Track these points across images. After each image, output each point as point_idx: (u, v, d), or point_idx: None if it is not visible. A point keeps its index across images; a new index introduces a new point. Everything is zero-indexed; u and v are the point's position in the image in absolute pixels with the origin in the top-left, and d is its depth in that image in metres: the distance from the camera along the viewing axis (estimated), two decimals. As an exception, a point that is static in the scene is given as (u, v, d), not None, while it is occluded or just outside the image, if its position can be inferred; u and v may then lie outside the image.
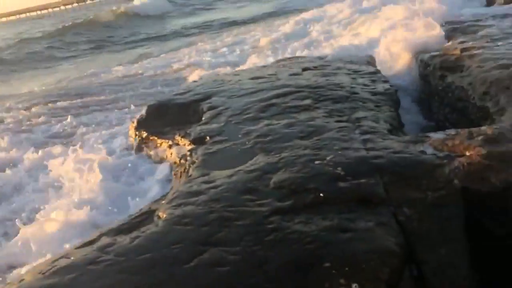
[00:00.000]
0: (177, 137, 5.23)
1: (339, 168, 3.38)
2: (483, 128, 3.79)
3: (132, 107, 10.44)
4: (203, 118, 5.55)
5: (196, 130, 5.12)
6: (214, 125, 5.07)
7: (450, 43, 7.64)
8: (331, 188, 3.13)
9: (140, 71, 15.44)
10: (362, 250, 2.42)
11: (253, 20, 23.16)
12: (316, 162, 3.57)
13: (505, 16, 9.01)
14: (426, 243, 2.66)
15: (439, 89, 6.42)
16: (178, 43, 20.69)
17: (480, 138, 3.46)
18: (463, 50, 6.83)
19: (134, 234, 2.99)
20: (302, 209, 2.96)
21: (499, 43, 6.84)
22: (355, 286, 2.15)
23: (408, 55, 7.81)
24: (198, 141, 4.79)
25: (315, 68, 7.28)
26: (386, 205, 2.94)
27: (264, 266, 2.41)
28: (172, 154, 5.10)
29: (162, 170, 5.14)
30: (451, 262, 2.52)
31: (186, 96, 6.58)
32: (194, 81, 7.87)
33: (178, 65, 15.29)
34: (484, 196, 2.93)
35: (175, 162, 4.76)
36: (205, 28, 24.07)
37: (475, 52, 6.50)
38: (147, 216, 3.31)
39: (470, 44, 7.24)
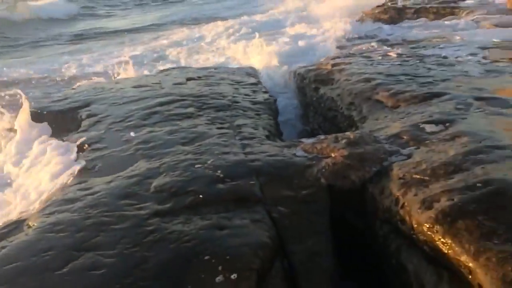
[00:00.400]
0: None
1: (219, 171, 3.50)
2: (346, 133, 4.21)
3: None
4: (81, 126, 5.33)
5: (73, 138, 4.89)
6: (93, 133, 4.90)
7: (323, 58, 8.39)
8: (210, 190, 3.24)
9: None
10: (237, 244, 2.55)
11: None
12: (197, 166, 3.65)
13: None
14: (296, 236, 2.89)
15: (314, 100, 6.94)
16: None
17: (343, 141, 3.85)
18: (333, 65, 7.53)
19: (1, 244, 2.78)
20: (182, 210, 3.02)
21: (365, 59, 7.72)
22: (231, 276, 2.26)
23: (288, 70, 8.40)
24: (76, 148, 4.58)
25: (199, 78, 7.41)
26: (261, 204, 3.13)
27: (141, 265, 2.42)
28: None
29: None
30: (317, 252, 2.77)
31: (63, 104, 6.25)
32: (72, 89, 7.49)
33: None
34: (346, 192, 3.27)
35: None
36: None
37: (344, 67, 7.20)
38: (16, 226, 3.10)
39: (339, 60, 8.02)
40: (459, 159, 3.07)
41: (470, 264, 2.07)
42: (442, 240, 2.29)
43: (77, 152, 4.45)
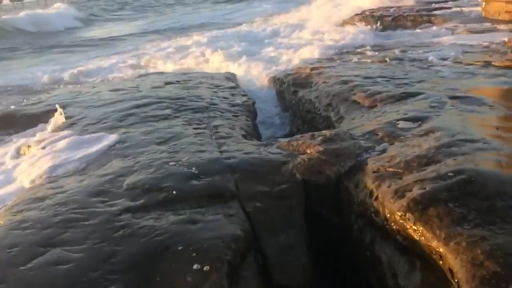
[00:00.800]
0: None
1: (193, 168, 3.46)
2: (323, 131, 4.21)
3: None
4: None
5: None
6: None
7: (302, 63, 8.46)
8: (184, 186, 3.18)
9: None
10: (209, 237, 2.51)
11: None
12: (171, 163, 3.60)
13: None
14: (270, 230, 2.86)
15: (293, 103, 6.95)
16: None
17: (319, 138, 3.84)
18: (312, 69, 7.58)
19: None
20: (154, 206, 2.96)
21: (343, 63, 7.80)
22: (203, 267, 2.21)
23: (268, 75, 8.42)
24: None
25: (178, 82, 7.37)
26: (236, 199, 3.09)
27: (110, 259, 2.35)
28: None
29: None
30: (291, 245, 2.74)
31: (37, 107, 6.15)
32: (48, 93, 7.38)
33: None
34: (321, 187, 3.26)
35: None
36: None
37: (322, 70, 7.25)
38: (-18, 225, 2.99)
39: (318, 64, 8.08)
40: (432, 152, 3.09)
41: (441, 249, 2.06)
42: (413, 227, 2.28)
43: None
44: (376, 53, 8.62)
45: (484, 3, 12.65)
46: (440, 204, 2.30)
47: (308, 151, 3.66)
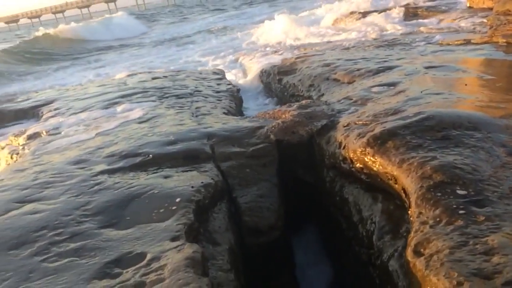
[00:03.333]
0: (11, 137, 4.91)
1: (171, 136, 3.55)
2: (300, 102, 4.31)
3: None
4: (42, 119, 5.33)
5: (31, 128, 4.88)
6: (50, 122, 4.90)
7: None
8: (160, 151, 3.27)
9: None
10: (180, 185, 2.59)
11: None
12: (150, 135, 3.69)
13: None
14: (243, 184, 2.93)
15: (278, 91, 7.05)
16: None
17: (295, 106, 3.93)
18: (297, 57, 7.71)
19: None
20: (131, 168, 3.04)
21: (330, 51, 7.94)
22: (169, 206, 2.28)
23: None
24: (32, 136, 4.57)
25: (165, 77, 7.48)
26: (211, 160, 3.17)
27: (83, 207, 2.43)
28: (4, 154, 4.76)
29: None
30: (262, 194, 2.81)
31: (25, 104, 6.26)
32: (35, 92, 7.50)
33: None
34: (295, 145, 3.34)
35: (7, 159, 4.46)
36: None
37: (306, 58, 7.37)
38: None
39: (303, 52, 8.22)
40: (399, 105, 3.18)
41: (395, 173, 2.14)
42: (372, 159, 2.36)
43: (33, 139, 4.45)
44: (366, 42, 8.79)
45: (468, -7, 12.82)
46: (398, 138, 2.39)
47: (283, 117, 3.75)
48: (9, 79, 16.81)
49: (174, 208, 2.31)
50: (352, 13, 14.84)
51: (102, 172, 2.97)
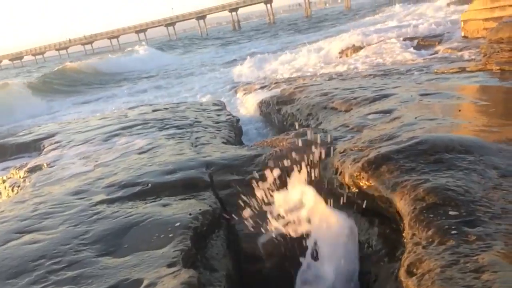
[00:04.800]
0: (12, 171, 4.96)
1: (170, 166, 3.59)
2: (297, 130, 4.37)
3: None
4: (43, 152, 5.39)
5: (32, 161, 4.94)
6: (51, 154, 4.96)
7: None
8: (159, 180, 3.31)
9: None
10: (178, 212, 2.61)
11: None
12: (149, 165, 3.74)
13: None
14: (240, 211, 2.94)
15: (277, 121, 7.14)
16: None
17: (292, 134, 3.99)
18: (296, 87, 7.84)
19: None
20: (129, 198, 3.07)
21: (328, 81, 8.08)
22: (167, 233, 2.30)
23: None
24: (33, 169, 4.62)
25: (166, 109, 7.59)
26: (210, 188, 3.20)
27: (81, 236, 2.45)
28: (5, 187, 4.80)
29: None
30: (259, 222, 2.82)
31: (27, 137, 6.35)
32: (38, 126, 7.60)
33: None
34: (292, 171, 3.36)
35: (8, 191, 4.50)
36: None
37: (305, 88, 7.50)
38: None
39: (302, 82, 8.37)
40: (394, 131, 3.23)
41: (389, 196, 2.16)
42: (367, 183, 2.39)
43: (33, 172, 4.49)
44: (364, 72, 8.96)
45: (462, 22, 13.10)
46: (392, 162, 2.42)
47: (281, 145, 3.80)
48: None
49: (171, 235, 2.32)
50: (348, 48, 15.16)
51: (101, 202, 3.00)
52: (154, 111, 7.36)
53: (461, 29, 13.17)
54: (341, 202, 2.66)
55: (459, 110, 3.75)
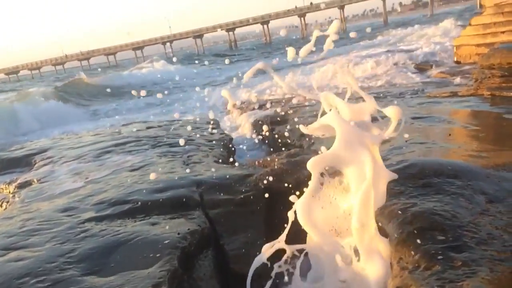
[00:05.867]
0: (2, 186, 4.91)
1: (161, 184, 3.58)
2: (290, 151, 4.38)
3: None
4: (34, 167, 5.36)
5: (22, 177, 4.91)
6: (42, 170, 4.93)
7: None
8: (149, 198, 3.28)
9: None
10: (166, 232, 2.59)
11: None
12: (140, 182, 3.72)
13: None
14: (230, 231, 2.94)
15: (270, 140, 7.15)
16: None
17: (284, 154, 4.00)
18: (290, 108, 7.89)
19: None
20: (119, 215, 3.05)
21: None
22: (155, 253, 2.28)
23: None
24: (23, 184, 4.58)
25: (159, 126, 7.60)
26: (200, 207, 3.19)
27: (68, 254, 2.42)
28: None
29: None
30: (248, 242, 2.81)
31: (18, 152, 6.31)
32: (30, 141, 7.57)
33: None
34: (282, 192, 3.36)
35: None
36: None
37: (299, 108, 7.56)
38: None
39: (296, 102, 8.43)
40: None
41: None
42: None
43: (23, 188, 4.46)
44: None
45: (455, 48, 13.33)
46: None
47: (272, 165, 3.80)
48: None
49: (158, 255, 2.31)
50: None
51: (89, 220, 2.98)
52: (148, 128, 7.36)
53: (454, 54, 13.41)
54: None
55: (449, 135, 3.78)
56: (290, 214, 2.26)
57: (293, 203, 3.33)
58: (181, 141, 4.41)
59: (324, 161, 2.10)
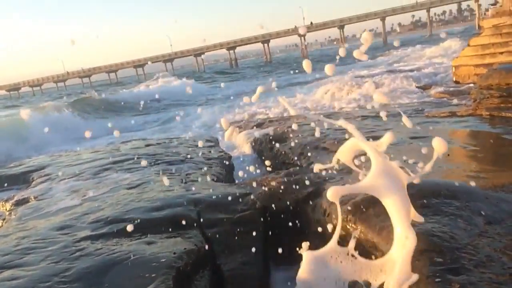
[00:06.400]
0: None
1: (158, 203, 3.56)
2: (289, 169, 4.37)
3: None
4: (32, 184, 5.34)
5: (20, 194, 4.88)
6: (40, 187, 4.91)
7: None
8: (146, 217, 3.27)
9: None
10: (162, 251, 2.57)
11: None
12: (137, 201, 3.70)
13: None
14: (227, 251, 2.91)
15: (270, 158, 7.14)
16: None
17: (282, 173, 3.99)
18: (289, 126, 7.91)
19: None
20: (115, 234, 3.02)
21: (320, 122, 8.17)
22: (150, 272, 2.25)
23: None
24: (20, 202, 4.56)
25: (158, 144, 7.60)
26: (197, 226, 3.16)
27: (62, 274, 2.39)
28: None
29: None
30: (245, 262, 2.78)
31: (16, 169, 6.30)
32: (28, 158, 7.57)
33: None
34: (280, 212, 3.35)
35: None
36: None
37: (298, 127, 7.56)
38: None
39: (295, 121, 8.45)
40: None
41: (375, 240, 2.15)
42: (354, 226, 2.38)
43: (20, 204, 4.43)
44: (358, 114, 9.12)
45: (454, 68, 13.43)
46: (379, 205, 2.41)
47: (271, 184, 3.79)
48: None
49: (154, 274, 2.28)
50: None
51: (85, 238, 2.95)
52: (146, 146, 7.36)
53: (453, 74, 13.50)
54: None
55: (448, 155, 3.78)
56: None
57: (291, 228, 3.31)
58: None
59: (348, 191, 2.04)
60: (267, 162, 7.07)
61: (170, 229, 3.06)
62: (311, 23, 75.37)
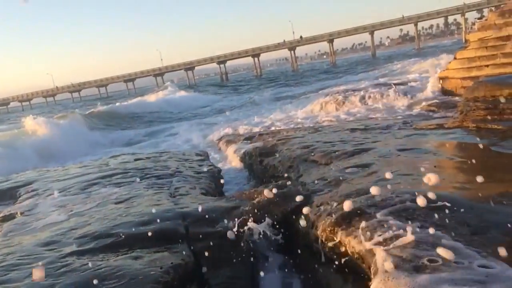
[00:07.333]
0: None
1: (145, 217, 3.53)
2: (278, 182, 4.38)
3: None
4: (18, 200, 5.28)
5: (6, 210, 4.82)
6: (26, 203, 4.86)
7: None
8: (133, 231, 3.24)
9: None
10: (149, 266, 2.54)
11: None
12: (124, 215, 3.67)
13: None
14: (215, 265, 2.89)
15: (259, 172, 7.14)
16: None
17: (271, 186, 3.99)
18: (278, 140, 7.93)
19: None
20: (101, 249, 2.99)
21: (311, 134, 8.19)
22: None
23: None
24: (6, 217, 4.49)
25: (148, 158, 7.56)
26: (185, 240, 3.14)
27: (46, 290, 2.35)
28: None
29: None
30: (233, 276, 2.76)
31: (3, 185, 6.23)
32: (16, 174, 7.48)
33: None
34: (269, 225, 3.34)
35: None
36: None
37: (288, 140, 7.59)
38: None
39: (284, 135, 8.49)
40: (370, 185, 3.24)
41: (361, 252, 2.15)
42: (340, 238, 2.38)
43: (7, 219, 4.38)
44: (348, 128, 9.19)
45: (441, 80, 13.60)
46: (365, 216, 2.43)
47: (260, 197, 3.78)
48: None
49: (140, 290, 2.25)
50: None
51: (71, 254, 2.92)
52: (136, 160, 7.32)
53: (440, 87, 13.66)
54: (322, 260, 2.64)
55: (435, 166, 3.81)
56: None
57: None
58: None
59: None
60: (256, 176, 7.11)
61: (157, 244, 3.04)
62: (301, 37, 76.06)
